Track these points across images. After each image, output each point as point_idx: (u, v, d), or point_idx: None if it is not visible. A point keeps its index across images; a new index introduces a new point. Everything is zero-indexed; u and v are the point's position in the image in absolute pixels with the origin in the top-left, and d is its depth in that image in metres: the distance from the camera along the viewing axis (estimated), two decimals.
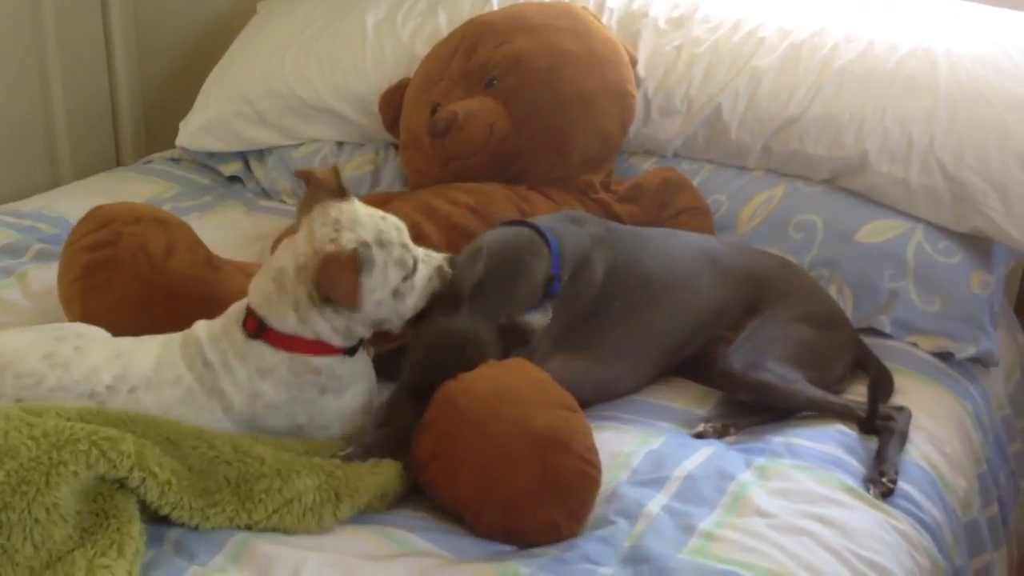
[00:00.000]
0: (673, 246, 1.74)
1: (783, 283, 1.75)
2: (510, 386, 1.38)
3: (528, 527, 1.31)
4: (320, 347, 1.44)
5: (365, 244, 1.40)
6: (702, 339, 1.71)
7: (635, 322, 1.64)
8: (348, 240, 1.39)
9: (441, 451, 1.35)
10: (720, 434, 1.57)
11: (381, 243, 1.41)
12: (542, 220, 1.65)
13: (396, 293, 1.44)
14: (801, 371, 1.63)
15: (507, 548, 1.32)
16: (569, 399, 1.41)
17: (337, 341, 1.44)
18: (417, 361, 1.47)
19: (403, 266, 1.42)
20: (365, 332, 1.47)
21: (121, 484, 1.27)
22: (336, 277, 1.36)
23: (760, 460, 1.49)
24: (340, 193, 1.44)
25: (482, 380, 1.39)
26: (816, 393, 1.62)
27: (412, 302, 1.46)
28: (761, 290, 1.73)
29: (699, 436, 1.57)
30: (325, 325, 1.42)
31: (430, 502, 1.40)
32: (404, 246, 1.44)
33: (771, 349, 1.64)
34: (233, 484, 1.29)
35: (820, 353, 1.68)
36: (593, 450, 1.37)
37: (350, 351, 1.47)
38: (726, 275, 1.72)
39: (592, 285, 1.61)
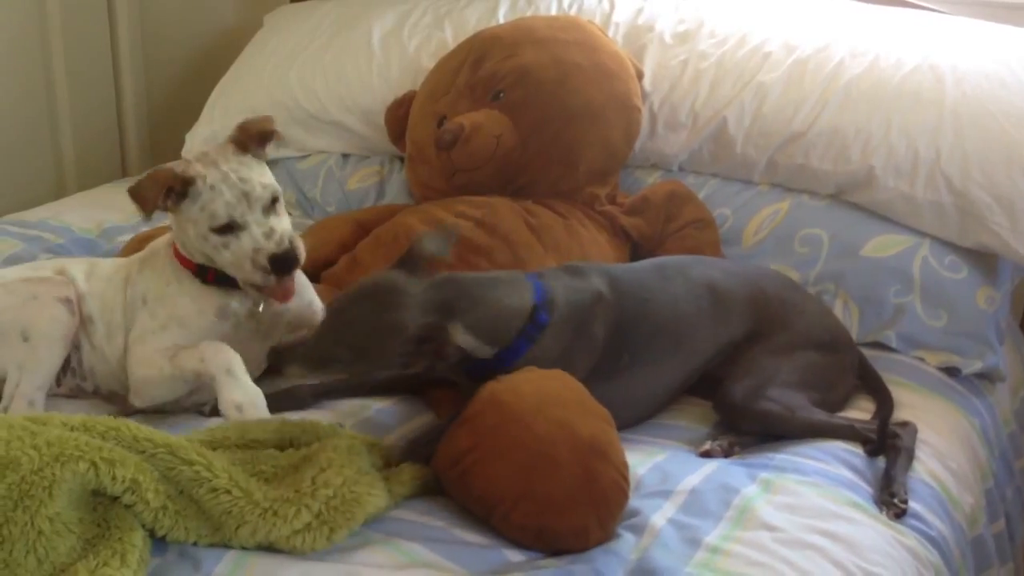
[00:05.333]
0: (678, 288, 1.66)
1: (785, 309, 1.71)
2: (555, 392, 1.40)
3: (561, 528, 1.32)
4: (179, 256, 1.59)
5: (201, 177, 1.50)
6: (702, 371, 1.68)
7: (641, 374, 1.62)
8: (195, 169, 1.51)
9: (481, 443, 1.36)
10: (726, 453, 1.56)
11: (213, 187, 1.49)
12: (537, 270, 1.61)
13: (208, 238, 1.52)
14: (804, 394, 1.62)
15: (515, 559, 1.32)
16: (607, 413, 1.42)
17: (180, 245, 1.58)
18: (347, 290, 1.46)
19: (213, 218, 1.50)
20: (196, 255, 1.57)
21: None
22: (147, 179, 1.51)
23: (765, 474, 1.48)
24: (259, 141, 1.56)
25: (528, 383, 1.40)
26: (820, 417, 1.61)
27: (228, 258, 1.52)
28: (763, 317, 1.69)
29: (705, 455, 1.56)
30: (175, 224, 1.57)
31: (455, 499, 1.40)
32: (231, 205, 1.49)
33: (772, 377, 1.62)
34: (216, 518, 1.28)
35: (824, 376, 1.67)
36: (626, 465, 1.39)
37: (201, 276, 1.58)
38: (729, 310, 1.68)
39: (594, 343, 1.56)
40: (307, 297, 1.66)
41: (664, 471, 1.48)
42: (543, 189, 1.99)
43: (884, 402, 1.69)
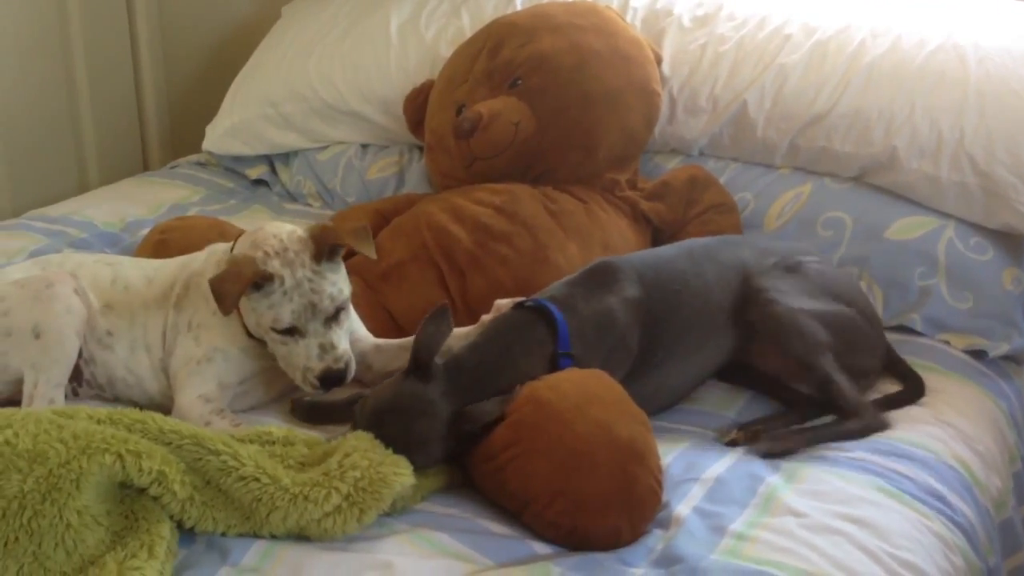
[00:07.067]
0: (709, 274, 1.63)
1: (807, 271, 1.69)
2: (595, 392, 1.40)
3: (594, 529, 1.32)
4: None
5: (279, 277, 1.49)
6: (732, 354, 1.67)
7: (674, 366, 1.61)
8: (273, 266, 1.50)
9: (520, 440, 1.36)
10: (752, 440, 1.55)
11: (286, 292, 1.50)
12: (560, 290, 1.55)
13: (267, 331, 1.53)
14: (828, 333, 1.60)
15: (541, 551, 1.32)
16: (644, 416, 1.42)
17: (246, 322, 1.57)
18: (365, 410, 1.42)
19: (277, 321, 1.51)
20: (252, 329, 1.57)
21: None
22: (231, 273, 1.50)
23: (788, 464, 1.48)
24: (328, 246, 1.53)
25: (569, 382, 1.41)
26: (838, 378, 1.58)
27: (282, 354, 1.55)
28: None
29: (732, 443, 1.55)
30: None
31: (486, 494, 1.40)
32: (296, 313, 1.50)
33: (806, 301, 1.60)
34: (247, 506, 1.28)
35: (850, 330, 1.64)
36: (661, 470, 1.39)
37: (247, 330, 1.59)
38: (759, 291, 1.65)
39: (629, 351, 1.55)
40: (352, 327, 1.64)
41: (689, 459, 1.48)
42: (563, 175, 1.98)
43: (914, 386, 1.68)
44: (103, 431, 1.27)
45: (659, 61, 2.10)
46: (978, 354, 1.82)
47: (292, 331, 1.52)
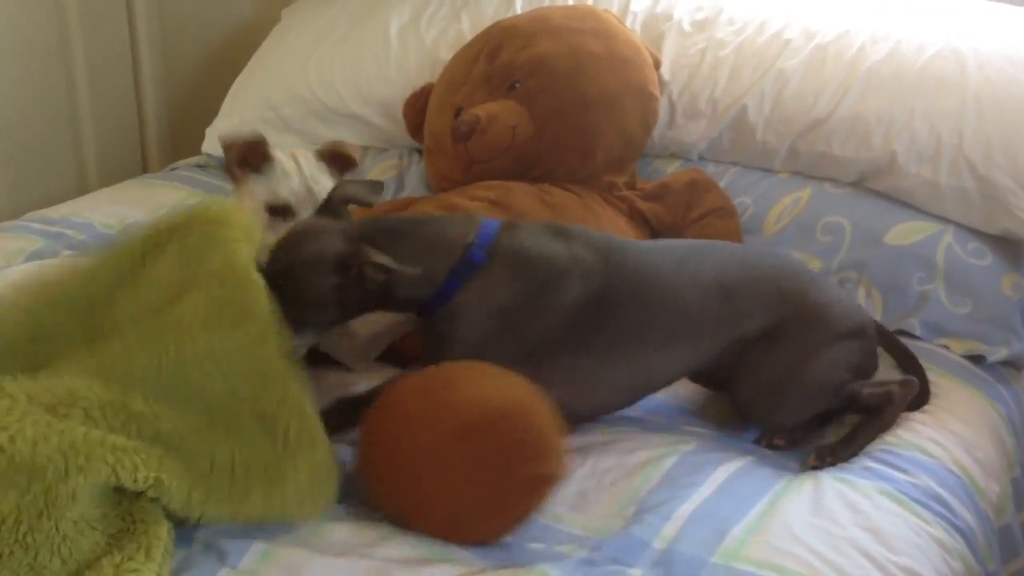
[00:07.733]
0: (684, 278, 1.55)
1: (808, 306, 1.61)
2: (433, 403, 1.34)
3: (476, 538, 1.31)
4: None
5: (280, 161, 1.60)
6: (706, 366, 1.61)
7: (621, 359, 1.53)
8: (276, 153, 1.59)
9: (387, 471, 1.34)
10: (789, 441, 1.57)
11: (286, 173, 1.59)
12: (525, 222, 1.55)
13: (260, 214, 1.57)
14: (845, 372, 1.60)
15: (536, 547, 1.32)
16: (513, 388, 1.34)
17: None
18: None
19: (274, 196, 1.59)
20: None
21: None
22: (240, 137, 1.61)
23: (791, 474, 1.48)
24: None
25: (409, 399, 1.36)
26: (854, 394, 1.59)
27: (271, 241, 1.51)
28: (784, 316, 1.59)
29: (770, 445, 1.57)
30: (236, 196, 1.63)
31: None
32: (294, 192, 1.58)
33: (799, 383, 1.57)
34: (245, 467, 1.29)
35: (854, 363, 1.63)
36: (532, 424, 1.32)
37: None
38: (741, 308, 1.57)
39: (555, 309, 1.47)
40: None
41: (693, 462, 1.47)
42: (560, 178, 1.98)
43: (914, 370, 1.69)
44: (102, 439, 1.25)
45: (657, 65, 2.11)
46: (977, 359, 1.82)
47: (286, 212, 1.57)
